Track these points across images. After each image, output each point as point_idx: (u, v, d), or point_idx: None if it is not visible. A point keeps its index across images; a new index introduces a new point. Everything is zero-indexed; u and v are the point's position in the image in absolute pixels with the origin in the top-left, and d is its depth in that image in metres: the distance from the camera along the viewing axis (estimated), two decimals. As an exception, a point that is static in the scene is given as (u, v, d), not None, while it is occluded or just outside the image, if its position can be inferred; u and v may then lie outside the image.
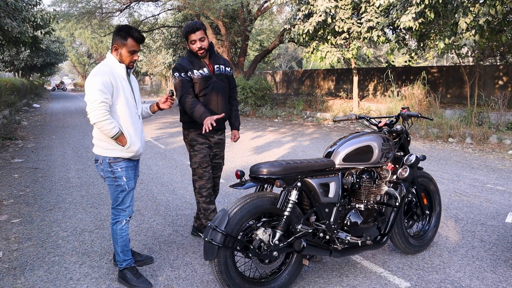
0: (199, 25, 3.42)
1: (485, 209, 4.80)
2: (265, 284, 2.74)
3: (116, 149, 2.89)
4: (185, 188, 5.63)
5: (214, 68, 3.56)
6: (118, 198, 2.97)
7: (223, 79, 3.61)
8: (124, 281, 2.98)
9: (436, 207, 3.76)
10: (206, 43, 3.45)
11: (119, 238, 2.99)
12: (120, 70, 2.92)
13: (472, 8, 8.27)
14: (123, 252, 3.00)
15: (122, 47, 2.89)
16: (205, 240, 2.51)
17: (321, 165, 2.87)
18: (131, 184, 3.00)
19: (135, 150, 2.95)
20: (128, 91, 2.95)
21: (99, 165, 2.96)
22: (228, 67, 3.69)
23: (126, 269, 3.00)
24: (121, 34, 2.88)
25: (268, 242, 2.60)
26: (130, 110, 2.94)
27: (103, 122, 2.73)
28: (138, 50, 2.96)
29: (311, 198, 2.79)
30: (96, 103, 2.72)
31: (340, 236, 2.86)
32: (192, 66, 3.48)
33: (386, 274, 3.18)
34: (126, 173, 2.95)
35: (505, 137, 9.27)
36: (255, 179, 2.73)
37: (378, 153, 3.09)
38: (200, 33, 3.40)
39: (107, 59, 2.94)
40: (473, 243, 3.82)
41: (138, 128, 3.01)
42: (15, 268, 3.25)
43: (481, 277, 3.15)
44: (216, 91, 3.52)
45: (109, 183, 2.96)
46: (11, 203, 4.95)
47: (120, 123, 2.88)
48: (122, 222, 3.00)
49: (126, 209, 3.00)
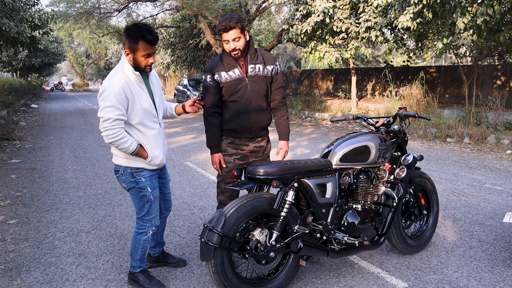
0: (233, 24, 2.86)
1: (483, 209, 4.79)
2: (262, 285, 2.73)
3: (138, 160, 2.72)
4: (183, 188, 5.61)
5: (248, 68, 3.03)
6: (143, 208, 2.81)
7: (259, 81, 3.06)
8: (135, 283, 2.92)
9: (434, 207, 3.75)
10: (241, 43, 2.92)
11: (141, 247, 2.87)
12: (135, 78, 2.66)
13: (470, 8, 8.27)
14: (141, 260, 2.92)
15: (134, 51, 2.60)
16: (202, 241, 2.50)
17: (318, 165, 2.86)
18: (156, 193, 2.83)
19: (157, 164, 2.78)
20: (145, 99, 2.71)
21: (121, 176, 2.78)
22: (270, 65, 3.10)
23: (138, 272, 2.93)
24: (131, 37, 2.57)
25: (264, 242, 2.59)
26: (149, 120, 2.72)
27: (118, 141, 2.57)
28: (152, 52, 2.65)
29: (308, 199, 2.78)
30: (109, 122, 2.54)
31: (337, 237, 2.85)
32: (222, 67, 3.02)
33: (384, 274, 3.18)
34: (151, 183, 2.79)
35: (503, 137, 9.28)
36: (252, 179, 2.72)
37: (375, 153, 3.08)
38: (234, 33, 2.87)
39: (122, 65, 2.66)
40: (471, 243, 3.82)
41: (159, 137, 2.80)
42: (11, 269, 3.23)
43: (478, 277, 3.14)
44: (248, 96, 3.02)
45: (134, 193, 2.79)
46: (8, 203, 4.93)
47: (139, 136, 2.70)
48: (147, 233, 2.85)
49: (152, 220, 2.85)
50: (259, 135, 3.15)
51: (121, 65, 2.67)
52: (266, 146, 3.23)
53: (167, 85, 33.71)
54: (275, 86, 3.17)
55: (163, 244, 3.27)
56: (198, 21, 16.36)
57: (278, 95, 3.20)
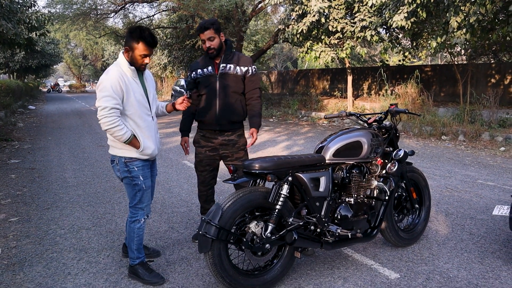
0: (208, 24, 3.27)
1: (475, 203, 4.90)
2: (258, 276, 2.82)
3: (131, 149, 2.91)
4: (181, 186, 5.70)
5: (220, 67, 3.37)
6: (136, 197, 2.99)
7: (229, 79, 3.37)
8: (135, 276, 3.02)
9: (426, 201, 3.85)
10: (216, 42, 3.30)
11: (136, 236, 3.02)
12: (131, 73, 2.88)
13: (463, 7, 8.39)
14: (138, 249, 3.04)
15: (133, 50, 2.84)
16: (199, 233, 2.59)
17: (311, 160, 2.95)
18: (147, 183, 3.01)
19: (149, 153, 2.96)
20: (139, 93, 2.92)
21: (116, 165, 2.99)
22: (244, 66, 3.41)
23: (137, 265, 3.04)
24: (133, 36, 2.82)
25: (260, 235, 2.68)
26: (142, 112, 2.92)
27: (114, 128, 2.76)
28: (150, 54, 2.89)
29: (302, 192, 2.87)
30: (106, 110, 2.73)
31: (331, 229, 2.95)
32: (199, 66, 3.44)
33: (377, 266, 3.28)
34: (143, 172, 2.97)
35: (497, 134, 9.41)
36: (248, 174, 2.81)
37: (367, 148, 3.18)
38: (209, 33, 3.26)
39: (119, 61, 2.91)
40: (462, 236, 3.92)
41: (152, 129, 2.99)
42: (14, 264, 3.31)
43: (468, 268, 3.24)
44: (215, 91, 3.36)
45: (126, 182, 2.98)
46: (8, 202, 5.01)
47: (133, 126, 2.89)
48: (140, 220, 3.02)
49: (144, 208, 3.03)
50: (228, 128, 3.43)
51: (118, 60, 2.91)
52: (238, 140, 3.48)
53: (164, 86, 33.74)
54: (250, 86, 3.45)
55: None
56: (194, 21, 16.43)
57: (253, 95, 3.48)
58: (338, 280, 3.03)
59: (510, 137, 9.11)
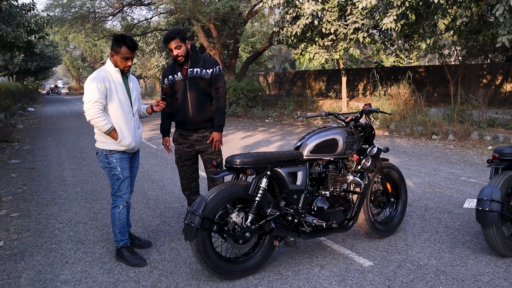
0: (174, 35, 3.54)
1: (455, 199, 5.14)
2: (240, 263, 3.07)
3: (110, 142, 3.30)
4: (174, 184, 5.94)
5: (188, 71, 3.63)
6: (115, 185, 3.39)
7: (197, 82, 3.63)
8: (121, 259, 3.38)
9: (402, 195, 4.09)
10: (182, 50, 3.56)
11: (117, 220, 3.39)
12: (115, 74, 3.32)
13: (450, 10, 8.64)
14: (121, 233, 3.41)
15: (117, 54, 3.29)
16: (185, 222, 2.84)
17: (289, 156, 3.21)
18: (125, 174, 3.39)
19: (126, 144, 3.34)
20: (122, 92, 3.34)
21: (99, 157, 3.41)
22: (208, 69, 3.64)
23: (123, 248, 3.40)
24: (116, 42, 3.28)
25: (241, 224, 2.94)
26: (123, 109, 3.33)
27: (96, 119, 3.17)
28: (131, 57, 3.34)
29: (280, 186, 3.13)
30: (90, 103, 3.16)
31: (307, 220, 3.20)
32: (169, 72, 3.73)
33: (353, 255, 3.52)
34: (121, 164, 3.36)
35: (485, 133, 9.65)
36: (230, 169, 3.07)
37: (343, 145, 3.44)
38: (175, 42, 3.53)
39: (106, 64, 3.37)
40: (438, 228, 4.16)
41: (131, 125, 3.38)
42: (15, 255, 3.56)
43: (438, 257, 3.48)
44: (186, 94, 3.64)
45: (107, 172, 3.39)
46: (9, 199, 5.25)
47: (113, 120, 3.28)
48: (119, 206, 3.40)
49: (122, 196, 3.41)
50: (202, 126, 3.72)
51: (105, 65, 3.38)
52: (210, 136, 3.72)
53: (163, 87, 33.92)
54: (214, 86, 3.71)
55: (129, 227, 3.72)
56: (191, 24, 16.69)
57: (217, 94, 3.71)
58: (315, 268, 3.28)
59: (498, 136, 9.35)
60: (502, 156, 3.66)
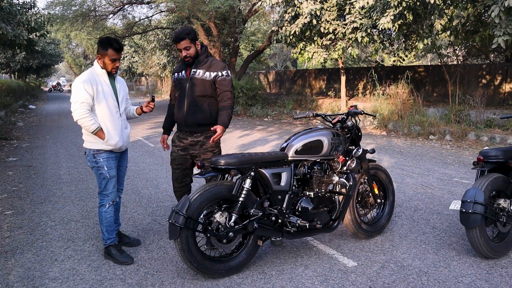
0: (183, 35, 3.41)
1: (445, 200, 5.17)
2: (224, 262, 3.12)
3: (98, 142, 3.38)
4: (169, 183, 6.00)
5: (191, 72, 3.54)
6: (101, 184, 3.46)
7: (198, 83, 3.51)
8: (109, 257, 3.44)
9: (389, 196, 4.14)
10: (192, 51, 3.47)
11: (104, 219, 3.46)
12: (102, 76, 3.39)
13: (447, 11, 8.66)
14: (108, 231, 3.48)
15: (104, 56, 3.35)
16: (169, 222, 2.90)
17: (274, 157, 3.26)
18: (112, 173, 3.45)
19: (113, 144, 3.40)
20: (109, 93, 3.40)
21: (87, 157, 3.49)
22: (213, 72, 3.51)
23: (111, 246, 3.47)
24: (103, 45, 3.34)
25: (224, 224, 2.99)
26: (110, 110, 3.40)
27: (83, 119, 3.26)
28: (118, 58, 3.41)
29: (264, 186, 3.18)
30: (78, 103, 3.24)
31: (291, 220, 3.25)
32: (179, 69, 3.69)
33: (338, 255, 3.56)
34: (107, 163, 3.43)
35: (482, 134, 9.66)
36: (214, 169, 3.12)
37: (328, 146, 3.48)
38: (184, 43, 3.42)
39: (93, 66, 3.43)
40: (425, 229, 4.20)
41: (118, 125, 3.45)
42: (6, 252, 3.63)
43: (423, 258, 3.52)
44: (184, 94, 3.55)
45: (95, 171, 3.47)
46: (4, 197, 5.32)
47: (100, 121, 3.36)
48: (105, 205, 3.46)
49: (109, 195, 3.47)
50: (196, 130, 3.57)
51: (93, 67, 3.45)
52: (205, 141, 3.56)
53: (164, 86, 34.04)
54: (220, 90, 3.55)
55: (119, 225, 3.79)
56: (191, 22, 16.73)
57: (224, 97, 3.55)
58: (299, 267, 3.33)
59: (494, 137, 9.36)
60: (487, 158, 3.70)
